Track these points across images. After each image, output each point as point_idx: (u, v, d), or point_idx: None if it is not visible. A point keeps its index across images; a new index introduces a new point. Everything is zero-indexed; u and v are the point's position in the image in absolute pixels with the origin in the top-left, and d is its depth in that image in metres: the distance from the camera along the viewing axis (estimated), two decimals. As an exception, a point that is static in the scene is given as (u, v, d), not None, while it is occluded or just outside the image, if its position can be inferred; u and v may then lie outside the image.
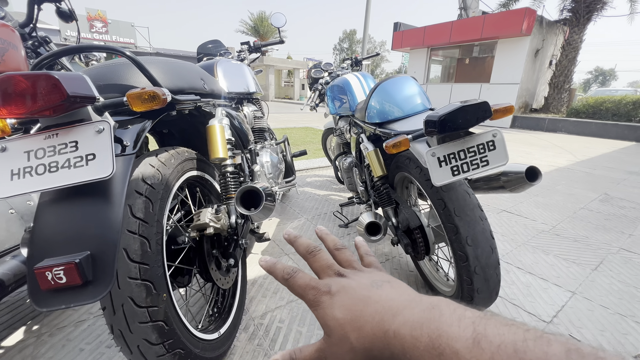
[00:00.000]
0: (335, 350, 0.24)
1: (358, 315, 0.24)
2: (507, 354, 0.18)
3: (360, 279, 0.27)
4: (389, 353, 0.22)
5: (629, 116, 7.27)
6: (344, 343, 0.24)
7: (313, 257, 0.30)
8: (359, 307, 0.24)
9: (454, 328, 0.20)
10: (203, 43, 2.16)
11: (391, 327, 0.22)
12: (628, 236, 2.00)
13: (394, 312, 0.23)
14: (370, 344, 0.23)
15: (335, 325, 0.24)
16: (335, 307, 0.25)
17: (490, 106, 0.84)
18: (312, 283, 0.27)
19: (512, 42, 8.67)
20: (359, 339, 0.23)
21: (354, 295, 0.25)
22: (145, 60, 0.76)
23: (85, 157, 0.56)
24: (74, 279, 0.52)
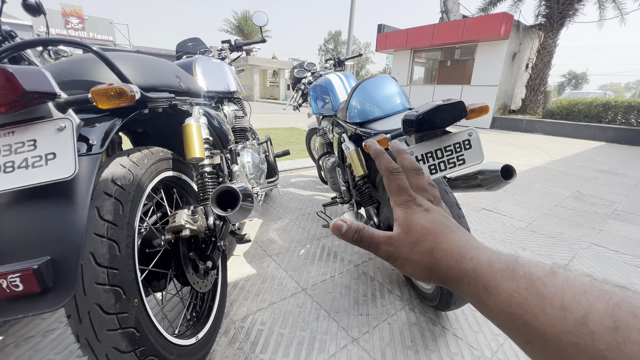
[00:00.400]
0: (405, 244, 0.27)
1: (442, 233, 0.26)
2: (581, 281, 0.19)
3: (449, 217, 0.29)
4: (456, 268, 0.24)
5: (599, 117, 7.65)
6: (418, 244, 0.26)
7: (416, 174, 0.32)
8: (446, 230, 0.27)
9: (532, 263, 0.22)
10: (182, 41, 2.11)
11: (470, 252, 0.24)
12: (598, 231, 2.09)
13: (476, 246, 0.25)
14: (442, 256, 0.25)
15: (418, 228, 0.27)
16: (424, 218, 0.28)
17: (466, 106, 0.85)
18: (410, 191, 0.30)
19: (491, 46, 8.96)
20: (433, 249, 0.26)
21: (445, 221, 0.28)
22: (114, 56, 0.73)
23: (44, 157, 0.52)
24: (32, 286, 0.49)
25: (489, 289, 0.22)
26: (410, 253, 0.27)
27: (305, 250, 1.70)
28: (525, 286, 0.20)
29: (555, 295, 0.19)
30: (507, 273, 0.21)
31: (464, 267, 0.24)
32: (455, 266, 0.24)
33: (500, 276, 0.22)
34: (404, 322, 1.19)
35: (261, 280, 1.42)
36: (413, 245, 0.27)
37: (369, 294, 1.35)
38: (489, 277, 0.22)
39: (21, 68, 0.50)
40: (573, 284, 0.19)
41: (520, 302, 0.20)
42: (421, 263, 0.26)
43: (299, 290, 1.36)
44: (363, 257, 1.65)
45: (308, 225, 2.02)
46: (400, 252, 0.27)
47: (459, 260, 0.24)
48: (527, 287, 0.20)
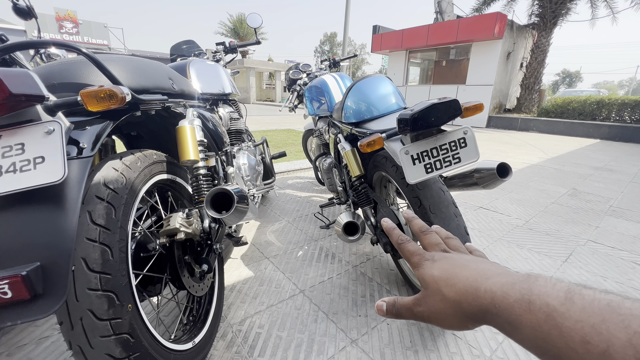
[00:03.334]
0: (429, 300, 0.28)
1: (453, 275, 0.28)
2: (599, 307, 0.18)
3: (463, 255, 0.31)
4: (477, 305, 0.24)
5: (594, 115, 7.71)
6: (437, 294, 0.28)
7: (424, 235, 0.34)
8: (456, 270, 0.28)
9: (547, 288, 0.21)
10: (177, 43, 2.10)
11: (483, 285, 0.25)
12: (595, 228, 2.10)
13: (487, 276, 0.25)
14: (460, 296, 0.26)
15: (431, 280, 0.28)
16: (434, 269, 0.29)
17: (460, 104, 0.85)
18: (419, 251, 0.32)
19: (485, 45, 9.01)
20: (451, 293, 0.27)
21: (453, 262, 0.29)
22: (105, 58, 0.72)
23: (33, 161, 0.51)
24: (21, 293, 0.48)
25: (512, 324, 0.22)
26: (435, 305, 0.28)
27: (302, 251, 1.69)
28: (544, 319, 0.20)
29: (575, 328, 0.18)
30: (524, 305, 0.21)
31: (482, 303, 0.24)
32: (475, 303, 0.25)
33: (519, 309, 0.21)
34: (402, 323, 1.18)
35: (259, 283, 1.41)
36: (434, 298, 0.28)
37: (367, 294, 1.34)
38: (509, 311, 0.22)
39: (8, 70, 0.49)
40: (591, 311, 0.18)
41: (544, 337, 0.20)
42: (447, 312, 0.27)
43: (297, 292, 1.35)
44: (361, 257, 1.64)
45: (305, 226, 2.01)
46: (428, 308, 0.28)
47: (475, 296, 0.25)
48: (547, 320, 0.20)
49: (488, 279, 0.25)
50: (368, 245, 1.78)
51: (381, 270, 1.53)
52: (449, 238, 0.35)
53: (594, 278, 1.50)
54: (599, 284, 1.46)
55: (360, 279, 1.46)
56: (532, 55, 9.29)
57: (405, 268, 1.38)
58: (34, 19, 1.41)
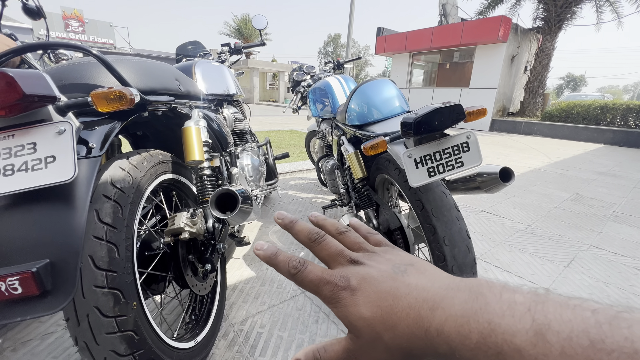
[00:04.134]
0: (367, 350, 0.22)
1: (388, 311, 0.21)
2: (581, 346, 0.14)
3: (378, 264, 0.24)
4: (432, 352, 0.19)
5: (598, 120, 7.68)
6: (376, 344, 0.21)
7: (318, 245, 0.26)
8: (388, 302, 0.21)
9: (507, 319, 0.17)
10: (182, 44, 2.12)
11: (432, 324, 0.19)
12: (597, 234, 2.09)
13: (430, 305, 0.20)
14: (409, 342, 0.20)
15: (364, 325, 0.21)
16: (359, 305, 0.22)
17: (464, 109, 0.86)
18: (325, 276, 0.23)
19: (489, 49, 9.00)
20: (395, 339, 0.20)
21: (379, 287, 0.22)
22: (114, 59, 0.74)
23: (44, 160, 0.53)
24: (31, 289, 0.49)
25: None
26: (379, 357, 0.21)
27: (304, 252, 1.70)
28: None
29: None
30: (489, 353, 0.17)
31: (438, 350, 0.19)
32: (429, 350, 0.20)
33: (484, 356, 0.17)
34: (403, 325, 1.18)
35: (260, 283, 1.42)
36: (374, 348, 0.21)
37: (368, 296, 1.35)
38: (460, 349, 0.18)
39: (22, 72, 0.50)
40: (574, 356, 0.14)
41: None
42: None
43: (299, 293, 1.35)
44: (362, 259, 1.65)
45: (307, 227, 2.02)
46: None
47: (426, 341, 0.19)
48: None
49: (432, 310, 0.20)
50: (370, 247, 1.78)
51: (382, 273, 1.53)
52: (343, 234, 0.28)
53: (596, 284, 1.50)
54: (601, 290, 1.46)
55: (361, 280, 1.46)
56: (536, 59, 9.27)
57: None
58: (43, 19, 1.43)
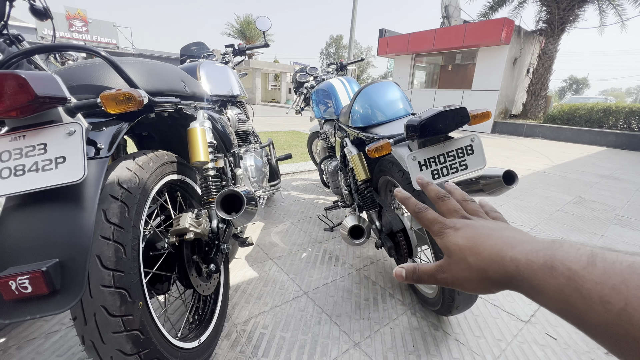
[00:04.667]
0: (453, 267, 0.28)
1: (478, 244, 0.28)
2: (620, 268, 0.18)
3: (485, 222, 0.30)
4: (503, 272, 0.25)
5: (600, 123, 7.65)
6: (462, 262, 0.28)
7: (442, 201, 0.33)
8: (480, 239, 0.28)
9: (570, 253, 0.21)
10: (186, 45, 2.13)
11: (508, 254, 0.25)
12: (600, 237, 2.09)
13: (512, 244, 0.26)
14: (486, 264, 0.26)
15: (456, 249, 0.28)
16: (458, 237, 0.29)
17: (468, 112, 0.86)
18: (439, 218, 0.31)
19: (492, 51, 8.99)
20: (476, 261, 0.27)
21: (477, 231, 0.29)
22: (122, 60, 0.74)
23: (54, 160, 0.53)
24: (41, 288, 0.49)
25: (535, 289, 0.22)
26: (460, 273, 0.28)
27: (307, 253, 1.70)
28: (566, 282, 0.20)
29: (595, 289, 0.19)
30: (546, 270, 0.22)
31: (508, 271, 0.25)
32: (500, 271, 0.25)
33: (542, 274, 0.22)
34: (405, 327, 1.19)
35: (263, 284, 1.42)
36: (458, 265, 0.28)
37: (370, 298, 1.35)
38: (532, 278, 0.23)
39: (33, 73, 0.51)
40: (612, 272, 0.19)
41: (565, 299, 0.20)
42: (473, 279, 0.27)
43: (301, 294, 1.36)
44: (365, 261, 1.65)
45: (310, 228, 2.02)
46: (453, 275, 0.29)
47: (501, 264, 0.25)
48: (568, 283, 0.20)
49: (513, 247, 0.25)
50: (372, 248, 1.78)
51: (385, 274, 1.53)
52: (466, 201, 0.34)
53: (599, 287, 1.50)
54: (604, 293, 1.45)
55: (363, 282, 1.46)
56: (538, 61, 9.26)
57: (409, 272, 1.38)
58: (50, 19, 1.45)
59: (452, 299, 1.03)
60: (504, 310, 1.30)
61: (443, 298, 1.07)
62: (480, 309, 1.31)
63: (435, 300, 1.15)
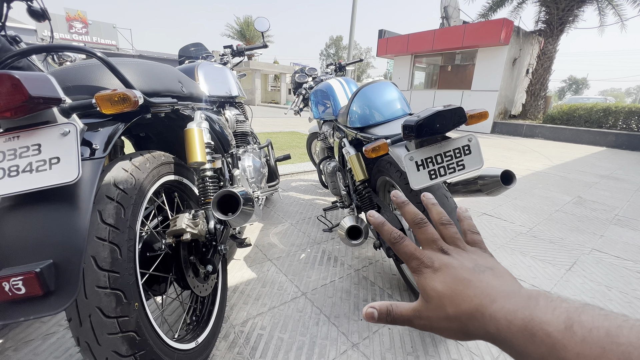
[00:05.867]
0: (431, 314, 0.27)
1: (457, 294, 0.26)
2: (598, 337, 0.18)
3: (463, 260, 0.29)
4: (483, 330, 0.24)
5: (600, 123, 7.66)
6: (440, 310, 0.26)
7: (419, 228, 0.32)
8: (459, 287, 0.26)
9: (547, 315, 0.21)
10: (185, 46, 2.13)
11: (488, 311, 0.24)
12: (599, 237, 2.09)
13: (492, 299, 0.25)
14: (466, 319, 0.25)
15: (434, 295, 0.27)
16: (436, 281, 0.27)
17: (465, 112, 0.86)
18: (416, 253, 0.30)
19: (491, 51, 9.00)
20: (456, 314, 0.26)
21: (456, 275, 0.27)
22: (118, 61, 0.74)
23: (48, 161, 0.53)
24: (34, 289, 0.49)
25: (518, 352, 0.22)
26: (439, 321, 0.27)
27: (305, 254, 1.70)
28: (547, 351, 0.20)
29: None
30: (527, 335, 0.21)
31: (488, 330, 0.24)
32: (481, 329, 0.24)
33: (523, 339, 0.21)
34: (404, 328, 1.18)
35: (261, 285, 1.42)
36: (436, 312, 0.27)
37: (369, 298, 1.35)
38: (513, 341, 0.22)
39: (27, 74, 0.51)
40: (591, 342, 0.18)
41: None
42: (453, 329, 0.26)
43: (299, 295, 1.35)
44: (363, 261, 1.65)
45: (308, 229, 2.02)
46: (431, 323, 0.27)
47: (481, 321, 0.24)
48: (550, 352, 0.20)
49: (492, 302, 0.24)
50: (370, 249, 1.78)
51: (383, 275, 1.53)
52: (444, 224, 0.32)
53: (598, 287, 1.49)
54: (603, 293, 1.45)
55: (362, 282, 1.46)
56: (538, 61, 9.26)
57: (407, 273, 1.38)
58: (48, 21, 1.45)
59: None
60: (502, 311, 1.29)
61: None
62: (479, 309, 1.30)
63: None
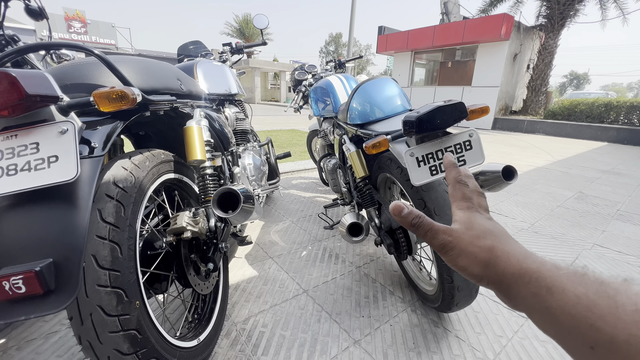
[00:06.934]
0: (466, 238, 0.28)
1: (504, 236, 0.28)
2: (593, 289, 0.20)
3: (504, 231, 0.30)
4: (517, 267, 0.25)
5: (601, 118, 7.62)
6: (478, 239, 0.28)
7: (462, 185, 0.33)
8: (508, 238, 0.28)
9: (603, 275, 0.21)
10: (184, 44, 2.12)
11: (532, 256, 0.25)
12: (601, 232, 2.08)
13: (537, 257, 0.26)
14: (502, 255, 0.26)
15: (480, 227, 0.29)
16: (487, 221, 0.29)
17: (466, 107, 0.85)
18: (474, 201, 0.32)
19: (491, 47, 8.95)
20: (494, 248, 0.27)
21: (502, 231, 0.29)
22: (116, 59, 0.74)
23: (47, 159, 0.53)
24: (34, 288, 0.49)
25: (552, 289, 0.22)
26: (469, 246, 0.27)
27: (306, 252, 1.70)
28: (595, 290, 0.20)
29: (629, 301, 0.18)
30: (575, 277, 0.21)
31: (527, 266, 0.24)
32: (515, 264, 0.25)
33: (567, 279, 0.21)
34: (405, 324, 1.18)
35: (262, 282, 1.42)
36: (473, 239, 0.28)
37: (370, 295, 1.35)
38: (554, 278, 0.22)
39: (24, 72, 0.51)
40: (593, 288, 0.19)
41: (588, 305, 0.19)
42: (479, 257, 0.27)
43: (301, 292, 1.35)
44: (364, 258, 1.64)
45: (309, 226, 2.02)
46: (458, 243, 0.28)
47: (521, 260, 0.25)
48: (598, 291, 0.19)
49: (538, 258, 0.25)
50: (372, 246, 1.78)
51: (385, 272, 1.53)
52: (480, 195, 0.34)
53: (600, 282, 1.49)
54: (605, 288, 1.44)
55: (363, 279, 1.46)
56: (539, 56, 9.21)
57: (409, 270, 1.38)
58: (45, 19, 1.44)
59: (452, 295, 1.03)
60: (504, 307, 1.29)
61: (443, 295, 1.07)
62: (480, 305, 1.30)
63: (435, 297, 1.15)
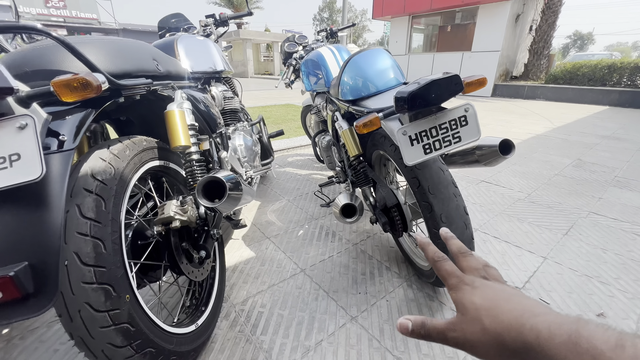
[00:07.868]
0: (466, 326, 0.27)
1: (496, 305, 0.26)
2: None
3: (504, 287, 0.29)
4: (521, 341, 0.23)
5: (604, 81, 7.41)
6: (476, 323, 0.26)
7: (464, 257, 0.33)
8: (500, 301, 0.26)
9: (597, 332, 0.20)
10: (165, 17, 1.98)
11: (529, 321, 0.23)
12: (598, 200, 2.08)
13: (534, 312, 0.24)
14: (503, 329, 0.24)
15: (472, 307, 0.27)
16: (475, 295, 0.28)
17: (461, 79, 0.80)
18: (457, 272, 0.31)
19: (493, 7, 8.50)
20: (493, 324, 0.25)
21: (496, 292, 0.28)
22: (79, 40, 0.67)
23: (8, 158, 0.49)
24: (12, 293, 0.47)
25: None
26: (473, 334, 0.26)
27: (303, 230, 1.70)
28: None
29: None
30: (570, 346, 0.20)
31: (527, 340, 0.23)
32: (518, 339, 0.24)
33: (565, 350, 0.21)
34: (402, 299, 1.21)
35: (260, 263, 1.43)
36: (472, 325, 0.26)
37: (367, 272, 1.36)
38: (553, 352, 0.21)
39: (-32, 62, 0.45)
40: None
41: None
42: (485, 342, 0.26)
43: (298, 272, 1.37)
44: (361, 235, 1.65)
45: (306, 205, 2.01)
46: (465, 335, 0.27)
47: (519, 332, 0.24)
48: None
49: (535, 316, 0.24)
50: (368, 223, 1.78)
51: (381, 248, 1.54)
52: (488, 267, 0.33)
53: (594, 251, 1.51)
54: (598, 256, 1.46)
55: (360, 256, 1.47)
56: (542, 17, 8.78)
57: (405, 246, 1.38)
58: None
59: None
60: (499, 278, 1.31)
61: (437, 271, 1.07)
62: (475, 278, 1.32)
63: (431, 272, 1.16)
